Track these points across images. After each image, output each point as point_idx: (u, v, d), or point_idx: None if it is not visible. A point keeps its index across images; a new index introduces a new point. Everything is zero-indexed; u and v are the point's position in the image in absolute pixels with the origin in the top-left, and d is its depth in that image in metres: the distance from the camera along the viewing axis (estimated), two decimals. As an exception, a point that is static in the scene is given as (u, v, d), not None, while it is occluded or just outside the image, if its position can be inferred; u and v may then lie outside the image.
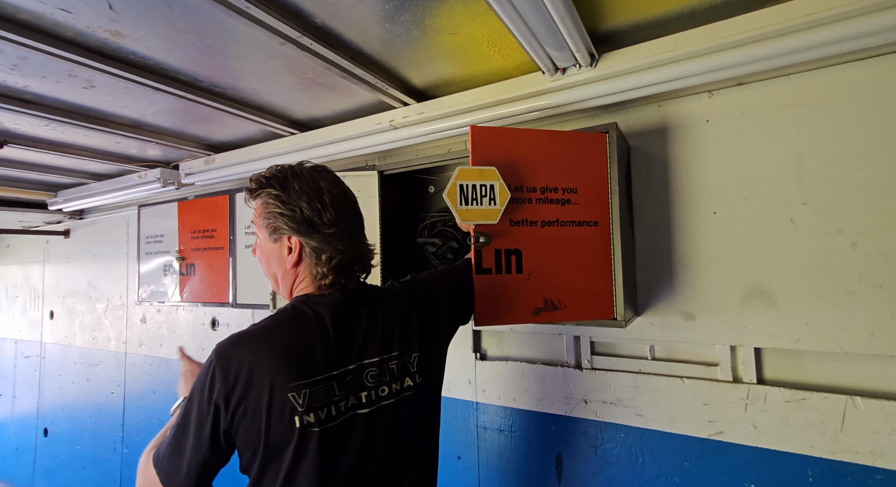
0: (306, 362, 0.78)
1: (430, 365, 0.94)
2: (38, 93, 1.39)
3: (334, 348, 0.81)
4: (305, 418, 0.76)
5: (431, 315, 0.95)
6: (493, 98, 1.35)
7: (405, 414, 0.87)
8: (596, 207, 1.17)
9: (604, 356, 1.37)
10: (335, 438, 0.80)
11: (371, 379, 0.84)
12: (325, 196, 0.85)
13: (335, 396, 0.80)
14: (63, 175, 2.39)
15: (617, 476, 1.31)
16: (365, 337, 0.85)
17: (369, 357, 0.85)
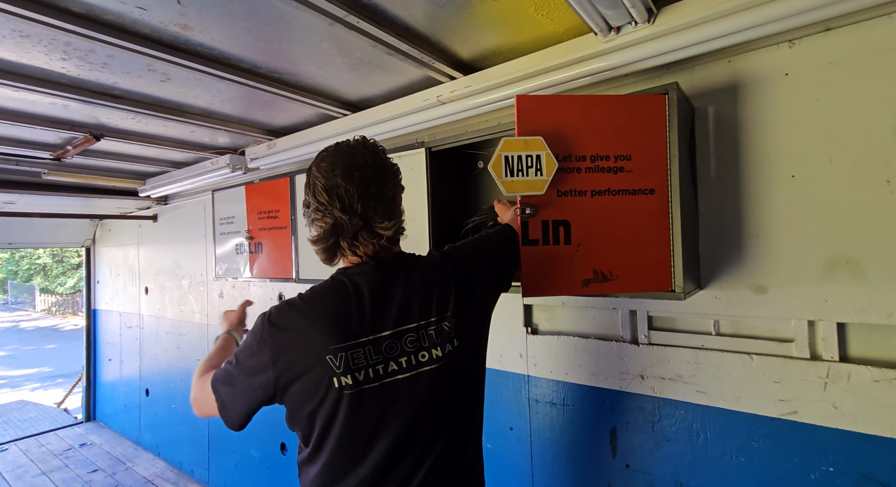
0: (343, 327, 0.83)
1: (470, 331, 0.94)
2: (125, 88, 1.54)
3: (370, 314, 0.85)
4: (343, 379, 0.82)
5: (469, 281, 0.95)
6: (542, 65, 1.30)
7: (446, 379, 0.89)
8: (652, 174, 1.11)
9: (662, 331, 1.32)
10: (373, 400, 0.84)
11: (410, 345, 0.87)
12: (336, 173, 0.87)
13: (372, 359, 0.84)
14: (149, 164, 2.66)
15: (676, 452, 1.27)
16: (402, 304, 0.87)
17: (407, 323, 0.87)
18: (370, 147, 0.94)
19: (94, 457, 3.70)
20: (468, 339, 0.93)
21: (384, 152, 0.96)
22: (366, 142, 0.95)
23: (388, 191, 0.91)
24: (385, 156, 0.95)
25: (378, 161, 0.92)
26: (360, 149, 0.92)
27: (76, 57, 1.28)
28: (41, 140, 2.04)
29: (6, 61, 1.29)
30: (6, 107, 1.63)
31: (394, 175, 0.95)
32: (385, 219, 0.88)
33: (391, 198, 0.91)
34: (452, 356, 0.90)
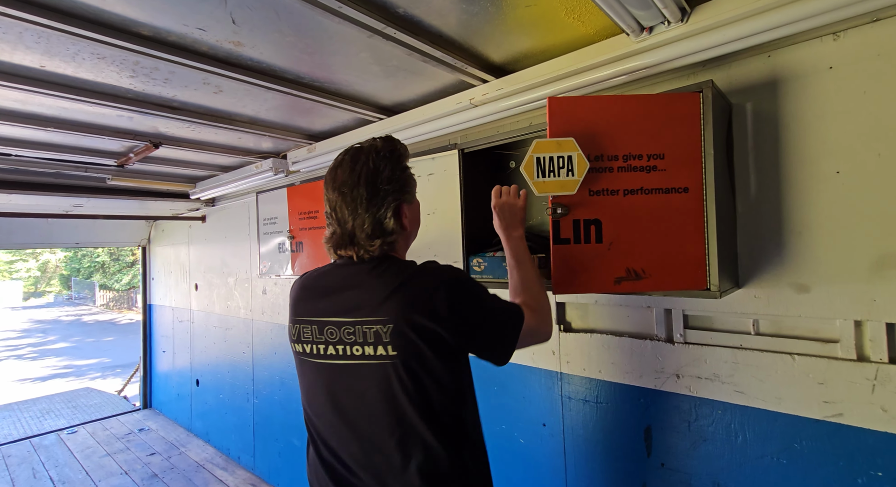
0: (302, 306, 1.01)
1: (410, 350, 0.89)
2: (183, 101, 1.67)
3: (318, 301, 0.98)
4: (295, 346, 1.01)
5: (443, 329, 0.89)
6: (573, 66, 1.32)
7: (376, 380, 0.90)
8: (686, 173, 1.11)
9: (698, 330, 1.31)
10: (315, 372, 0.98)
11: (350, 335, 0.92)
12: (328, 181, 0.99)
13: (318, 337, 0.96)
14: (200, 168, 2.84)
15: (714, 453, 1.26)
16: (353, 298, 0.93)
17: (351, 315, 0.92)
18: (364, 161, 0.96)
19: (152, 441, 3.99)
20: (408, 356, 0.89)
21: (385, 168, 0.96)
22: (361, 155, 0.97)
23: (375, 212, 0.94)
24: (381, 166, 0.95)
25: (369, 174, 0.94)
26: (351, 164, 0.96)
27: (142, 74, 1.41)
28: (107, 148, 2.24)
29: (84, 80, 1.43)
30: (81, 121, 1.80)
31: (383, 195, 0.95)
32: (374, 237, 0.95)
33: (378, 219, 0.95)
34: (384, 360, 0.90)
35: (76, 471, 3.48)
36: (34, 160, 2.26)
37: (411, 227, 1.03)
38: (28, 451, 3.92)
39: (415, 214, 1.05)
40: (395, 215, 0.97)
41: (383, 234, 0.96)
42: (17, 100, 1.56)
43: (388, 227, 0.96)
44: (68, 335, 15.07)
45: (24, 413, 5.34)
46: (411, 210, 1.03)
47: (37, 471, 3.51)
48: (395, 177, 0.97)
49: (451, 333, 0.89)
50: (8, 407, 5.76)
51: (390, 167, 0.97)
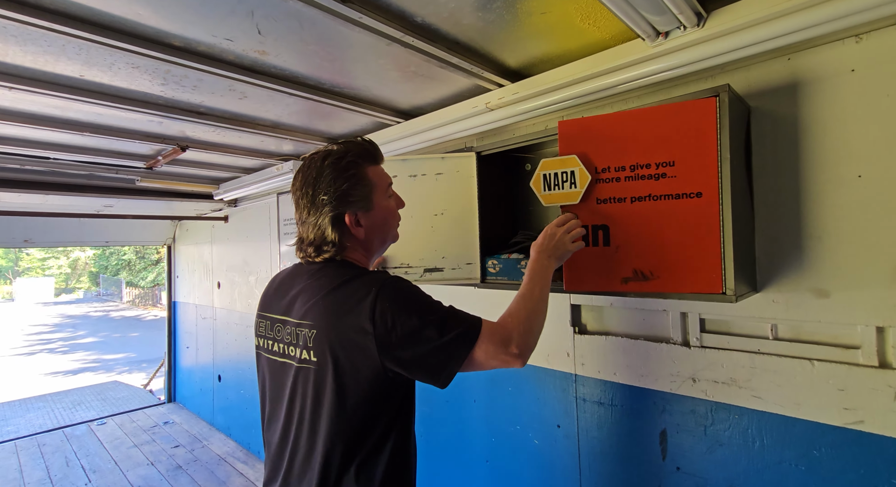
0: (264, 302, 1.07)
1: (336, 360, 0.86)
2: (209, 106, 1.74)
3: (274, 298, 1.03)
4: (256, 339, 1.06)
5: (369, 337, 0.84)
6: (588, 71, 1.33)
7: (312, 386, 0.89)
8: (700, 178, 1.11)
9: (715, 334, 1.30)
10: (265, 366, 1.02)
11: (288, 336, 0.94)
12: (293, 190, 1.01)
13: (269, 333, 1.00)
14: (223, 170, 2.93)
15: (730, 457, 1.25)
16: (294, 300, 0.96)
17: (291, 315, 0.95)
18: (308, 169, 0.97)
19: (176, 434, 4.12)
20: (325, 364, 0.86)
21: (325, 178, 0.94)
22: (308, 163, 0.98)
23: (315, 220, 0.94)
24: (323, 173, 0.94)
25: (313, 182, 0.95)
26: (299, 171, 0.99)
27: (173, 81, 1.47)
28: (137, 151, 2.33)
29: (119, 88, 1.51)
30: (114, 125, 1.89)
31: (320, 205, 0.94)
32: (311, 245, 0.96)
33: (319, 226, 0.94)
34: (313, 366, 0.88)
35: (105, 461, 3.63)
36: (70, 163, 2.37)
37: (368, 233, 0.99)
38: (61, 440, 4.10)
39: (375, 221, 1.00)
40: (335, 225, 0.94)
41: (322, 243, 0.95)
42: (57, 107, 1.65)
43: (328, 238, 0.94)
44: (97, 330, 15.63)
45: (56, 405, 5.59)
46: (368, 217, 0.99)
47: (69, 460, 3.68)
48: (333, 187, 0.93)
49: (377, 348, 0.82)
50: (42, 399, 6.02)
51: (331, 177, 0.93)
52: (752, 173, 1.22)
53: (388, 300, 0.85)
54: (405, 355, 0.84)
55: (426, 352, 0.84)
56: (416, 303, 0.87)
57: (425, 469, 2.13)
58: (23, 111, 1.67)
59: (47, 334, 15.18)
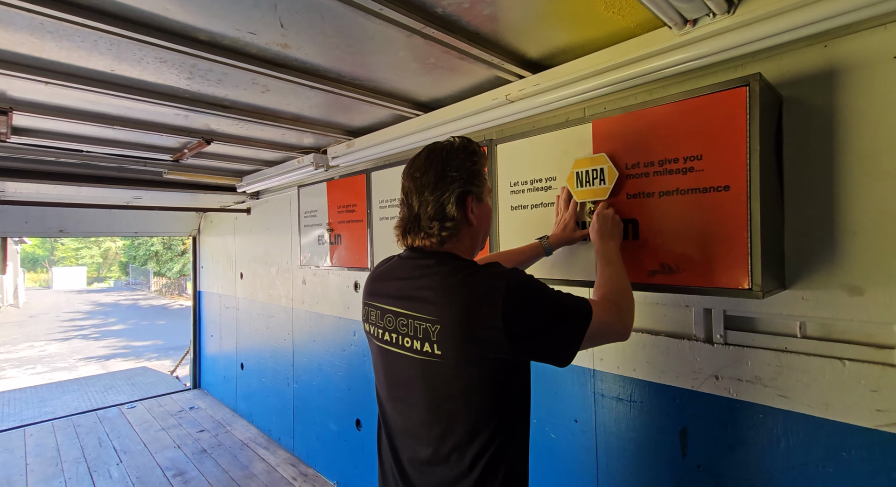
0: (371, 288, 1.08)
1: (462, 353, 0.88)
2: (233, 100, 1.78)
3: (385, 288, 1.04)
4: (364, 324, 1.10)
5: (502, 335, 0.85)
6: (612, 62, 1.30)
7: (426, 378, 0.92)
8: (728, 171, 1.08)
9: (740, 331, 1.27)
10: (378, 354, 1.05)
11: (404, 327, 0.95)
12: (406, 170, 1.04)
13: (379, 322, 1.02)
14: (246, 163, 2.99)
15: (753, 457, 1.22)
16: (406, 290, 0.97)
17: (402, 307, 0.96)
18: (438, 151, 1.01)
19: (201, 419, 4.27)
20: (459, 359, 0.89)
21: (456, 157, 0.99)
22: (437, 146, 1.02)
23: (440, 195, 0.96)
24: (451, 157, 0.99)
25: (440, 162, 0.98)
26: (426, 153, 1.02)
27: (198, 75, 1.51)
28: (164, 144, 2.40)
29: (147, 82, 1.55)
30: (143, 119, 1.95)
31: (449, 181, 0.97)
32: (434, 220, 0.97)
33: (442, 203, 0.96)
34: (434, 358, 0.90)
35: (135, 443, 3.79)
36: (101, 156, 2.46)
37: (478, 223, 1.02)
38: (94, 422, 4.30)
39: (483, 213, 1.04)
40: (458, 202, 0.97)
41: (443, 218, 0.96)
42: (89, 101, 1.70)
43: (449, 213, 0.96)
44: (126, 318, 16.25)
45: (90, 388, 5.85)
46: (479, 208, 1.02)
47: (102, 440, 3.85)
48: (463, 166, 0.98)
49: (508, 340, 0.85)
50: (77, 382, 6.32)
51: (461, 157, 0.99)
52: (783, 165, 1.17)
53: (516, 295, 0.86)
54: (535, 345, 0.88)
55: (554, 340, 0.89)
56: (541, 296, 0.90)
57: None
58: (58, 105, 1.74)
59: (80, 320, 15.87)
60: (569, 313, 0.90)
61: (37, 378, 8.02)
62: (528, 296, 0.88)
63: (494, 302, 0.85)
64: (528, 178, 1.66)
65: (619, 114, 1.34)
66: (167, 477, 3.19)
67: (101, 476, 3.22)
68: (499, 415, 0.91)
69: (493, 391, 0.90)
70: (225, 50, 1.33)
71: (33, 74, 1.40)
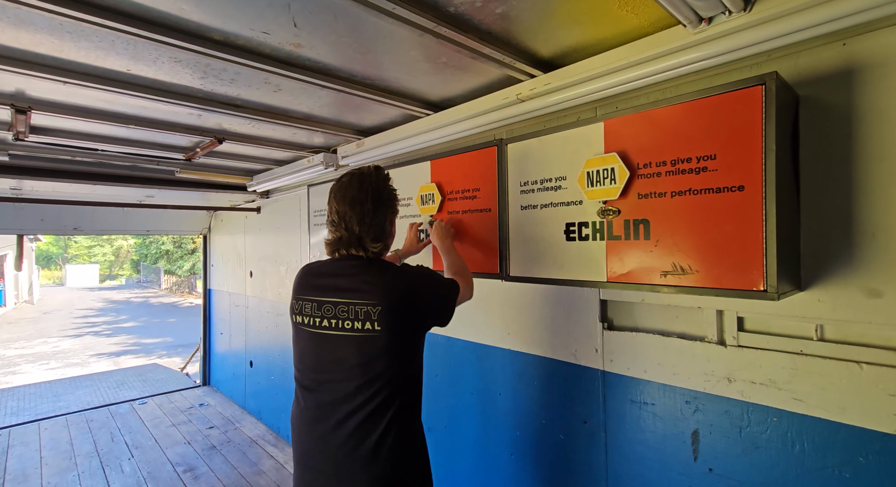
0: (304, 285, 1.29)
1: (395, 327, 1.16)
2: (245, 99, 1.79)
3: (321, 284, 1.25)
4: (296, 317, 1.28)
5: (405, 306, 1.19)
6: (624, 61, 1.29)
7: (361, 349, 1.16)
8: (742, 171, 1.07)
9: (753, 333, 1.25)
10: (308, 339, 1.24)
11: (344, 313, 1.18)
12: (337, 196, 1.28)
13: (316, 312, 1.22)
14: (257, 162, 3.02)
15: (766, 461, 1.21)
16: (342, 283, 1.21)
17: (342, 298, 1.19)
18: (369, 180, 1.27)
19: (210, 416, 4.31)
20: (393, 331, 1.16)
21: (384, 186, 1.29)
22: (365, 175, 1.28)
23: (381, 221, 1.26)
24: (381, 187, 1.27)
25: (374, 192, 1.25)
26: (358, 183, 1.26)
27: (212, 75, 1.52)
28: (177, 144, 2.43)
29: (162, 82, 1.57)
30: (157, 118, 1.98)
31: (385, 209, 1.27)
32: (375, 241, 1.25)
33: (382, 227, 1.26)
34: (369, 333, 1.16)
35: (146, 438, 3.84)
36: (115, 154, 2.49)
37: (393, 236, 1.35)
38: (107, 417, 4.36)
39: (393, 226, 1.34)
40: (389, 224, 1.30)
41: (383, 237, 1.27)
42: (105, 101, 1.73)
43: (386, 233, 1.28)
44: (137, 315, 16.46)
45: (102, 384, 5.94)
46: (394, 222, 1.34)
47: (114, 435, 3.91)
48: (390, 194, 1.30)
49: (424, 312, 1.22)
50: (89, 378, 6.42)
51: (385, 185, 1.29)
52: (799, 166, 1.16)
53: (425, 280, 1.27)
54: (438, 314, 1.28)
55: (445, 308, 1.30)
56: (437, 280, 1.31)
57: (449, 460, 2.16)
58: (75, 105, 1.77)
59: (93, 317, 16.11)
60: (448, 288, 1.31)
61: (51, 373, 8.16)
62: (431, 283, 1.28)
63: (416, 288, 1.22)
64: (538, 178, 1.65)
65: (631, 113, 1.34)
66: (177, 473, 3.22)
67: (113, 471, 3.27)
68: (410, 376, 1.22)
69: (409, 355, 1.22)
70: (239, 49, 1.34)
71: (52, 74, 1.42)
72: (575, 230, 1.48)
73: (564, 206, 1.52)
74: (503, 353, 1.91)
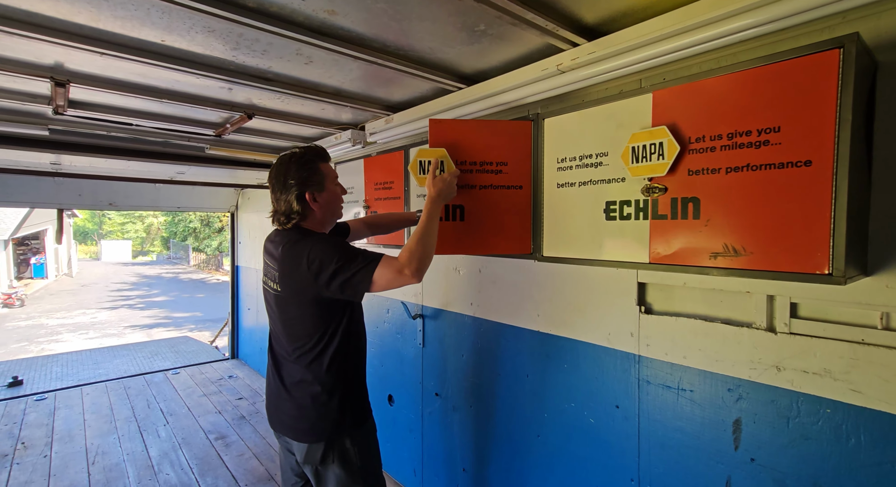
0: (264, 252, 1.56)
1: (288, 290, 1.40)
2: (276, 72, 1.77)
3: (266, 249, 1.54)
4: (262, 277, 1.56)
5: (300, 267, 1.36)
6: (678, 26, 1.20)
7: (280, 304, 1.45)
8: (810, 144, 0.99)
9: (808, 320, 1.18)
10: (267, 296, 1.53)
11: (272, 271, 1.46)
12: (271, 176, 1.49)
13: (267, 272, 1.52)
14: (284, 139, 3.01)
15: (816, 453, 1.15)
16: (273, 250, 1.46)
17: (273, 260, 1.46)
18: (282, 164, 1.45)
19: (239, 388, 4.47)
20: (289, 291, 1.41)
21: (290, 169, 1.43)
22: (283, 159, 1.46)
23: (286, 198, 1.43)
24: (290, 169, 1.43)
25: (284, 175, 1.43)
26: (276, 166, 1.47)
27: (244, 46, 1.50)
28: (208, 119, 2.44)
29: (195, 53, 1.56)
30: (189, 92, 1.98)
31: (290, 187, 1.42)
32: (283, 215, 1.45)
33: (288, 203, 1.42)
34: (278, 293, 1.44)
35: (180, 406, 4.01)
36: (148, 130, 2.52)
37: (321, 208, 1.46)
38: (143, 385, 4.58)
39: (325, 200, 1.47)
40: (298, 200, 1.42)
41: (289, 213, 1.43)
42: (140, 74, 1.73)
43: (293, 209, 1.42)
44: (168, 290, 17.12)
45: (138, 354, 6.23)
46: (321, 197, 1.46)
47: (150, 403, 4.10)
48: (297, 175, 1.41)
49: (312, 279, 1.34)
50: (126, 348, 6.74)
51: (297, 167, 1.42)
52: (873, 140, 1.06)
53: (317, 251, 1.34)
54: (331, 285, 1.33)
55: (343, 282, 1.32)
56: (334, 251, 1.34)
57: (475, 440, 2.17)
58: (111, 78, 1.78)
59: (127, 291, 16.85)
60: (343, 262, 1.32)
61: (90, 342, 8.61)
62: (325, 252, 1.33)
63: (303, 257, 1.34)
64: (576, 154, 1.58)
65: (683, 83, 1.25)
66: (210, 440, 3.36)
67: (150, 435, 3.44)
68: (320, 330, 1.40)
69: (313, 314, 1.39)
70: (272, 17, 1.30)
71: (89, 45, 1.42)
72: (616, 209, 1.42)
73: (605, 184, 1.45)
74: (532, 335, 1.88)
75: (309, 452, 1.42)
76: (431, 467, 2.46)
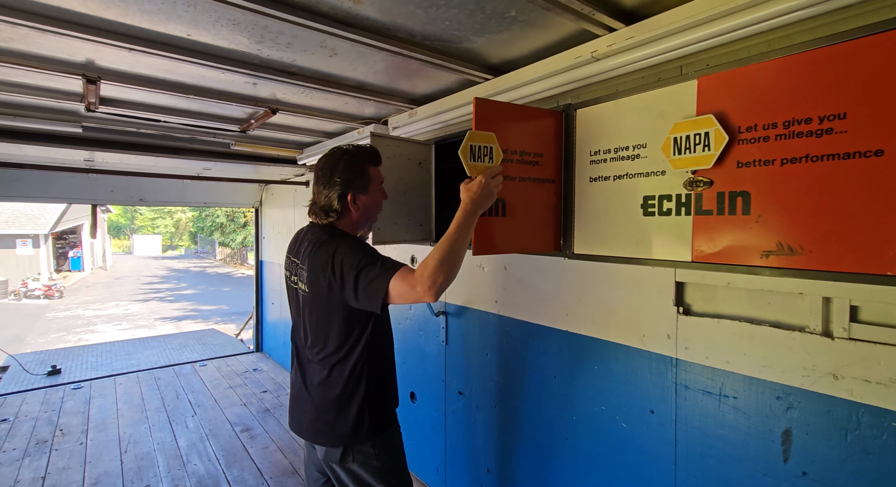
0: (289, 249, 1.56)
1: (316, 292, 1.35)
2: (300, 66, 1.74)
3: (294, 246, 1.53)
4: (285, 272, 1.56)
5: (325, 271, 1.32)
6: (727, 6, 1.11)
7: (306, 305, 1.41)
8: (882, 132, 0.90)
9: (871, 325, 1.08)
10: (290, 293, 1.52)
11: (300, 270, 1.42)
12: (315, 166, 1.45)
13: (292, 268, 1.50)
14: (307, 135, 3.01)
15: (878, 469, 1.06)
16: (302, 247, 1.44)
17: (300, 258, 1.43)
18: (333, 158, 1.40)
19: (263, 381, 4.55)
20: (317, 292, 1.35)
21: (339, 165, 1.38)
22: (336, 152, 1.41)
23: (328, 193, 1.38)
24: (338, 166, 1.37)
25: (331, 170, 1.38)
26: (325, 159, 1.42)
27: (269, 39, 1.47)
28: (233, 115, 2.45)
29: (220, 48, 1.55)
30: (215, 88, 1.98)
31: (335, 184, 1.37)
32: (323, 210, 1.41)
33: (329, 199, 1.38)
34: (307, 294, 1.40)
35: (207, 398, 4.10)
36: (175, 126, 2.56)
37: (359, 211, 1.42)
38: (172, 376, 4.71)
39: (365, 204, 1.43)
40: (340, 200, 1.37)
41: (328, 210, 1.39)
42: (167, 70, 1.74)
43: (332, 206, 1.38)
44: (195, 283, 17.65)
45: (167, 345, 6.42)
46: (362, 200, 1.42)
47: (178, 394, 4.21)
48: (344, 173, 1.36)
49: (334, 283, 1.29)
50: (156, 339, 6.96)
51: (345, 165, 1.37)
52: (953, 127, 0.95)
53: (341, 254, 1.29)
54: (348, 289, 1.27)
55: (362, 288, 1.24)
56: (359, 257, 1.27)
57: (500, 440, 2.12)
58: (140, 74, 1.79)
59: (157, 284, 17.46)
60: (373, 272, 1.23)
61: (123, 333, 8.95)
62: (349, 256, 1.27)
63: (329, 261, 1.30)
64: (610, 146, 1.51)
65: (731, 68, 1.16)
66: (235, 432, 3.43)
67: (179, 426, 3.52)
68: (342, 337, 1.34)
69: (338, 320, 1.33)
70: (296, 8, 1.27)
71: (118, 40, 1.42)
72: (655, 204, 1.34)
73: (643, 177, 1.37)
74: (560, 334, 1.82)
75: (328, 452, 1.41)
76: (454, 466, 2.43)
